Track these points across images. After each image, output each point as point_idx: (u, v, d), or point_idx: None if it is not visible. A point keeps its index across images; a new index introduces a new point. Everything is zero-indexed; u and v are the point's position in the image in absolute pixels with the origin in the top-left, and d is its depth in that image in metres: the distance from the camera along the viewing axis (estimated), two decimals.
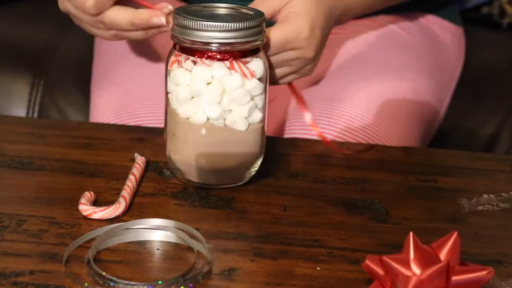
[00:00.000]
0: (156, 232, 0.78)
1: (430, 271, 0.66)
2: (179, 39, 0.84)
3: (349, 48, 1.18)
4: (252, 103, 0.85)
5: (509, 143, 1.38)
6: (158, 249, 0.76)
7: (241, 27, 0.82)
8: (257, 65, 0.85)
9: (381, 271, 0.68)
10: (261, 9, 0.88)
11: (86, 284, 0.70)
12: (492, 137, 1.39)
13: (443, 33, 1.28)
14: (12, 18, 1.57)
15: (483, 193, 0.87)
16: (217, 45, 0.82)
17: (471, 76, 1.38)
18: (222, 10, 0.87)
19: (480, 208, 0.85)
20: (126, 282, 0.70)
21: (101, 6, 0.91)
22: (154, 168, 0.91)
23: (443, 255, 0.67)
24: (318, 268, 0.74)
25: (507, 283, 0.71)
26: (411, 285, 0.66)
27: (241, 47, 0.83)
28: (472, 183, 0.93)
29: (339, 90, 1.10)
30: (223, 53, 0.83)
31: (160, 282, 0.70)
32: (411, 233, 0.68)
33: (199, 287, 0.71)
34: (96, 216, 0.80)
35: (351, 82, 1.11)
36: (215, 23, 0.82)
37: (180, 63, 0.85)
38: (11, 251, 0.75)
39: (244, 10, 0.87)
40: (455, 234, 0.68)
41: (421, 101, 1.16)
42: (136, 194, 0.86)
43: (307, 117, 0.98)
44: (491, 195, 0.87)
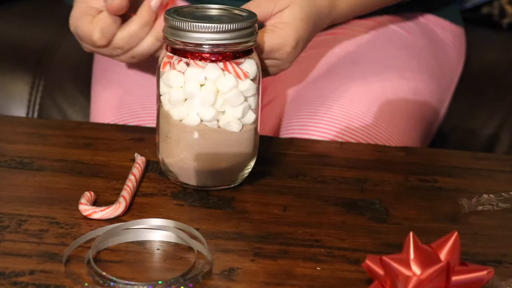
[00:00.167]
0: (156, 232, 0.78)
1: (430, 271, 0.66)
2: (171, 40, 0.83)
3: (349, 48, 1.18)
4: (245, 104, 0.85)
5: (509, 143, 1.38)
6: (158, 249, 0.76)
7: (234, 28, 0.82)
8: (250, 66, 0.84)
9: (381, 271, 0.68)
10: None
11: (86, 284, 0.70)
12: (492, 137, 1.39)
13: (443, 33, 1.28)
14: (12, 18, 1.56)
15: (483, 193, 0.87)
16: (210, 46, 0.82)
17: (471, 76, 1.38)
18: (214, 11, 0.87)
19: (480, 208, 0.85)
20: (126, 282, 0.70)
21: (108, 34, 0.91)
22: (154, 168, 0.91)
23: (443, 255, 0.67)
24: (318, 268, 0.74)
25: (507, 283, 0.71)
26: (411, 285, 0.66)
27: (234, 48, 0.82)
28: (472, 183, 0.93)
29: (339, 89, 1.10)
30: (216, 55, 0.82)
31: (160, 282, 0.70)
32: (411, 233, 0.68)
33: (199, 287, 0.71)
34: (96, 216, 0.80)
35: (351, 82, 1.11)
36: (208, 24, 0.81)
37: (172, 64, 0.84)
38: (11, 251, 0.75)
39: (236, 11, 0.86)
40: (455, 234, 0.68)
41: (421, 101, 1.16)
42: (136, 194, 0.86)
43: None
44: (491, 195, 0.87)
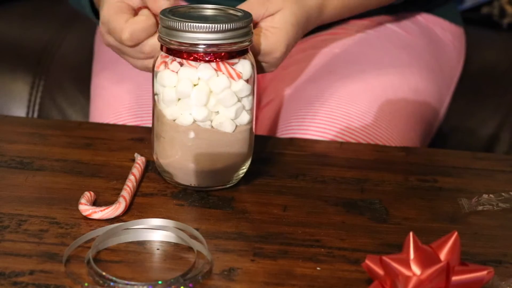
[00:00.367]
0: (156, 232, 0.78)
1: (430, 271, 0.66)
2: (166, 40, 0.83)
3: (349, 48, 1.18)
4: (239, 105, 0.84)
5: (509, 143, 1.38)
6: (158, 249, 0.76)
7: (228, 28, 0.81)
8: (244, 66, 0.84)
9: (381, 271, 0.68)
10: None
11: (86, 284, 0.70)
12: (492, 137, 1.39)
13: (443, 33, 1.28)
14: (12, 18, 1.56)
15: (483, 193, 0.87)
16: (204, 46, 0.81)
17: (471, 76, 1.38)
18: (209, 11, 0.86)
19: (480, 208, 0.85)
20: (126, 282, 0.70)
21: (136, 38, 0.91)
22: (154, 168, 0.91)
23: (443, 255, 0.67)
24: (318, 268, 0.74)
25: (507, 283, 0.71)
26: (411, 285, 0.66)
27: (228, 49, 0.82)
28: (472, 183, 0.93)
29: (339, 89, 1.10)
30: (209, 55, 0.82)
31: (160, 282, 0.70)
32: (411, 233, 0.68)
33: (199, 287, 0.71)
34: (96, 216, 0.80)
35: (351, 82, 1.11)
36: (201, 24, 0.81)
37: (167, 64, 0.84)
38: (11, 251, 0.75)
39: (231, 11, 0.86)
40: (455, 234, 0.68)
41: (421, 101, 1.16)
42: (136, 194, 0.86)
43: None
44: (491, 195, 0.87)
